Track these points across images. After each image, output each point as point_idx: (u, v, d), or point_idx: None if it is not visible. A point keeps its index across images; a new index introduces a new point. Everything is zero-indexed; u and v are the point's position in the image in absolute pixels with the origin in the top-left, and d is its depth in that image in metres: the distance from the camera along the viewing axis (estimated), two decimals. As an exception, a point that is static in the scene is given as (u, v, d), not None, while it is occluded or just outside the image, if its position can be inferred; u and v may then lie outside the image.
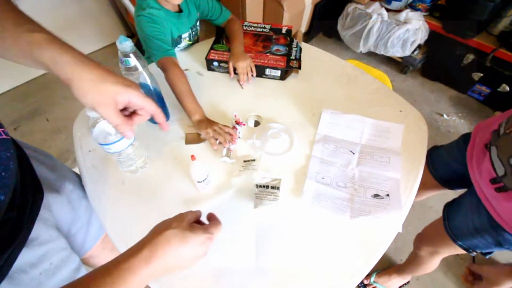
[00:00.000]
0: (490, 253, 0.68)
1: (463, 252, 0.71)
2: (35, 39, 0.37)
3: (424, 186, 0.75)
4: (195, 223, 0.43)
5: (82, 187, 0.67)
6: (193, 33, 0.99)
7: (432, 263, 0.90)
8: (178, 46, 0.97)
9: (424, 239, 0.87)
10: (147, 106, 0.43)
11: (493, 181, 0.59)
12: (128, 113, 0.45)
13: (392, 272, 1.15)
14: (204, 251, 0.40)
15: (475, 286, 0.62)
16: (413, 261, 0.98)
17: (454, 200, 0.74)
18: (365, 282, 1.18)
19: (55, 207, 0.56)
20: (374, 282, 1.17)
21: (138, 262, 0.34)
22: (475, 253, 0.69)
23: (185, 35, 0.96)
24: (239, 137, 0.73)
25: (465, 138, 0.74)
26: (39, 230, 0.48)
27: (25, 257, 0.44)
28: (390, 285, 1.15)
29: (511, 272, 0.57)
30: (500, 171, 0.57)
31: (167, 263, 0.36)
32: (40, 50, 0.37)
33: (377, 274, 1.18)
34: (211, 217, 0.46)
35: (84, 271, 0.57)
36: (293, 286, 0.51)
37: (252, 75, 0.86)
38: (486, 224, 0.63)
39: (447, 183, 0.83)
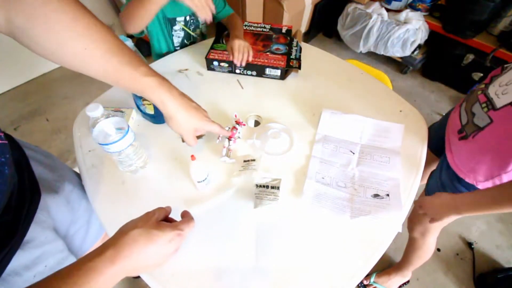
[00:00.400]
0: None
1: (447, 222, 0.75)
2: (149, 83, 0.47)
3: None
4: (165, 220, 0.43)
5: (82, 187, 0.66)
6: (192, 20, 0.99)
7: (427, 246, 0.92)
8: (174, 29, 0.97)
9: (413, 217, 0.89)
10: (215, 130, 0.59)
11: (459, 131, 0.68)
12: None
13: (391, 271, 1.15)
14: (174, 248, 0.40)
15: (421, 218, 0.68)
16: (409, 249, 1.00)
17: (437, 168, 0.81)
18: (365, 282, 1.18)
19: (53, 208, 0.56)
20: (374, 282, 1.17)
21: (103, 262, 0.34)
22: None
23: (181, 19, 0.96)
24: (239, 137, 0.73)
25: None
26: (35, 232, 0.48)
27: (19, 259, 0.44)
28: (390, 285, 1.15)
29: (449, 203, 0.62)
30: (464, 121, 0.67)
31: (135, 262, 0.36)
32: (151, 92, 0.48)
33: (377, 274, 1.18)
34: (185, 215, 0.46)
35: None
36: (293, 286, 0.51)
37: (248, 59, 0.86)
38: (447, 178, 0.72)
39: (441, 153, 0.85)
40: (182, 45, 1.03)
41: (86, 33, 0.41)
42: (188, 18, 0.97)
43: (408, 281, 1.18)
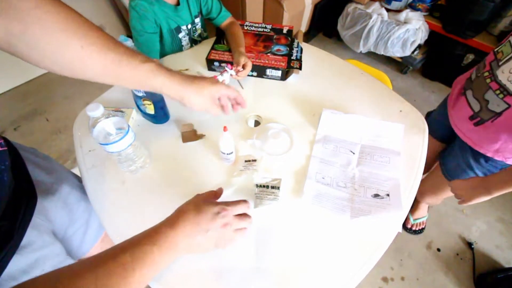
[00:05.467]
0: None
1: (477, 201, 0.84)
2: (148, 68, 0.48)
3: (431, 153, 0.89)
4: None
5: (80, 188, 0.66)
6: (193, 28, 1.00)
7: (434, 205, 1.08)
8: (179, 36, 0.99)
9: (427, 190, 0.98)
10: (232, 93, 0.60)
11: (471, 118, 0.74)
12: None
13: (417, 203, 1.28)
14: (222, 223, 0.45)
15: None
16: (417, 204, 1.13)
17: (445, 149, 0.90)
18: (409, 226, 1.30)
19: (51, 211, 0.56)
20: (414, 220, 1.29)
21: (165, 226, 0.42)
22: None
23: (184, 27, 0.97)
24: (231, 72, 0.80)
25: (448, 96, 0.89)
26: (31, 236, 0.47)
27: (16, 264, 0.44)
28: (424, 213, 1.30)
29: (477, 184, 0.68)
30: (476, 108, 0.72)
31: (190, 231, 0.42)
32: (154, 77, 0.48)
33: (410, 212, 1.31)
34: (238, 202, 0.49)
35: None
36: (293, 286, 0.51)
37: (241, 73, 0.83)
38: (472, 159, 0.78)
39: (447, 140, 0.93)
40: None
41: (80, 31, 0.41)
42: (190, 26, 0.98)
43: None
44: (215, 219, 0.44)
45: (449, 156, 0.87)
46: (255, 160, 0.67)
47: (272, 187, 0.62)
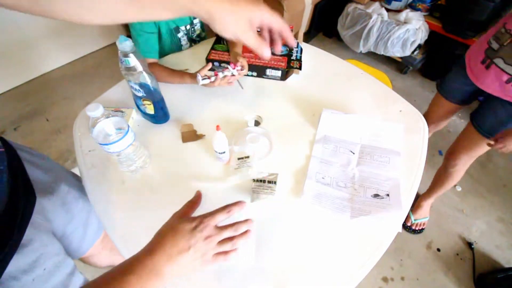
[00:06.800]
0: None
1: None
2: None
3: (445, 114, 1.09)
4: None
5: (78, 187, 0.66)
6: (192, 29, 1.00)
7: (461, 173, 1.11)
8: (179, 36, 0.98)
9: (460, 150, 1.03)
10: (277, 24, 0.44)
11: (508, 81, 0.80)
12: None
13: (421, 202, 1.31)
14: (203, 236, 0.43)
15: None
16: (443, 180, 1.18)
17: (476, 111, 0.95)
18: (409, 224, 1.33)
19: (49, 210, 0.56)
20: (415, 220, 1.31)
21: (143, 255, 0.39)
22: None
23: (183, 28, 0.97)
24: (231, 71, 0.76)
25: (461, 65, 0.95)
26: (31, 235, 0.47)
27: (16, 263, 0.44)
28: (425, 214, 1.34)
29: None
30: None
31: (170, 256, 0.40)
32: None
33: (412, 211, 1.33)
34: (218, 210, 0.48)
35: (78, 275, 0.56)
36: (292, 285, 0.51)
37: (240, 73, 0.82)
38: (506, 115, 0.85)
39: (466, 102, 1.03)
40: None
41: None
42: (188, 27, 0.98)
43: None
44: (194, 234, 0.42)
45: (483, 117, 0.92)
46: (248, 157, 0.67)
47: (269, 182, 0.62)
